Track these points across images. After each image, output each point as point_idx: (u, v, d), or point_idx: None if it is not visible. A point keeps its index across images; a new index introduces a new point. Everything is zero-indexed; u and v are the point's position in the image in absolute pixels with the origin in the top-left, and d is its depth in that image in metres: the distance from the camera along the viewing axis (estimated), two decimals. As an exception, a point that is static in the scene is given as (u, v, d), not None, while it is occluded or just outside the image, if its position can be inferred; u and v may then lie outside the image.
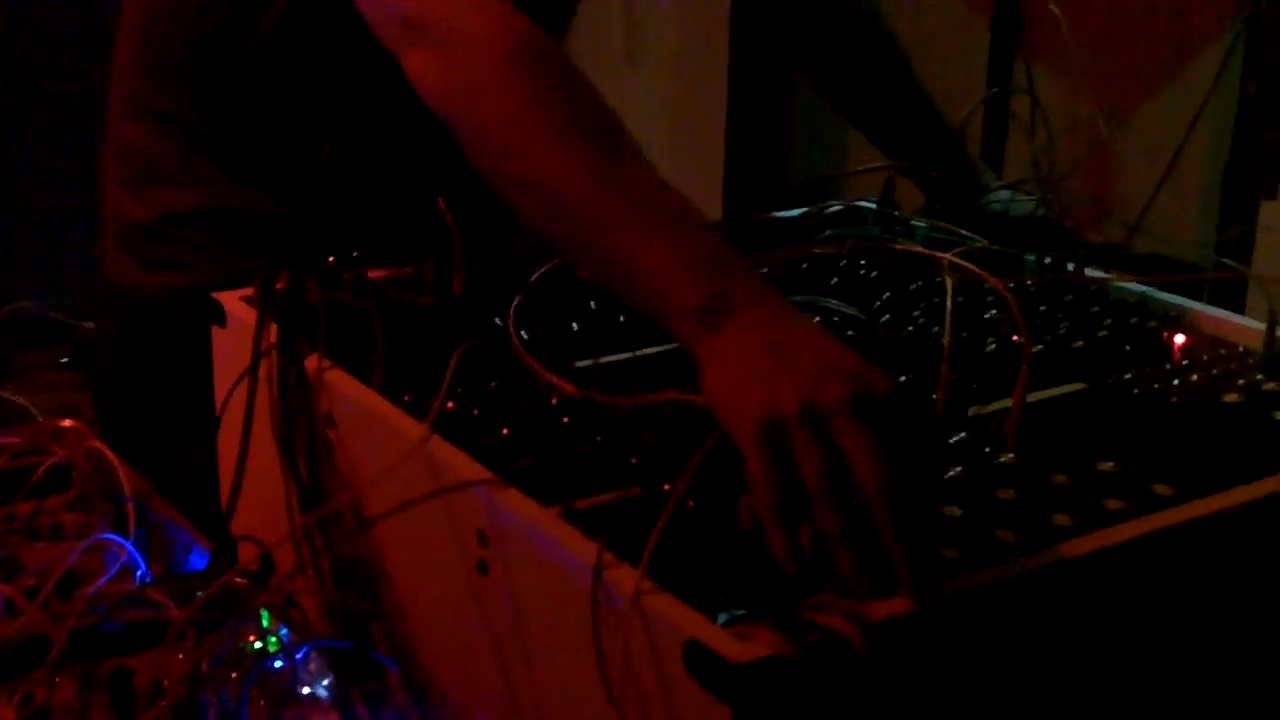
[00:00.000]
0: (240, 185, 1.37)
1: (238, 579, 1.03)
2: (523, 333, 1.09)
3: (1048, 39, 2.71)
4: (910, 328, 1.19)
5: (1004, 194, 1.40)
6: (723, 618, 0.78)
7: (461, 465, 0.92)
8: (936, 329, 1.17)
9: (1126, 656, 0.88)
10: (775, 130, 3.68)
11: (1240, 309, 1.29)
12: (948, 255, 1.09)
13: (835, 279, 1.28)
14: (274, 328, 1.07)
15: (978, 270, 1.06)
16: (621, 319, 1.18)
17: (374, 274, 1.18)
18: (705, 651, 0.73)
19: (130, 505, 1.15)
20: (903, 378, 1.07)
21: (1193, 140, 2.77)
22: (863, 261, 1.29)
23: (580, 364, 1.11)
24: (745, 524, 0.84)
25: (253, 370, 1.06)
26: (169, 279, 1.39)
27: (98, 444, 1.20)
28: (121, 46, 1.42)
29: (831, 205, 1.41)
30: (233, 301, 1.16)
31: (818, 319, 1.16)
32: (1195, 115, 2.74)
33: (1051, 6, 2.67)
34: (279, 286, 1.08)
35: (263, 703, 0.94)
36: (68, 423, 1.25)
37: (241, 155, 1.37)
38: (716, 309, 0.89)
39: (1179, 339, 1.20)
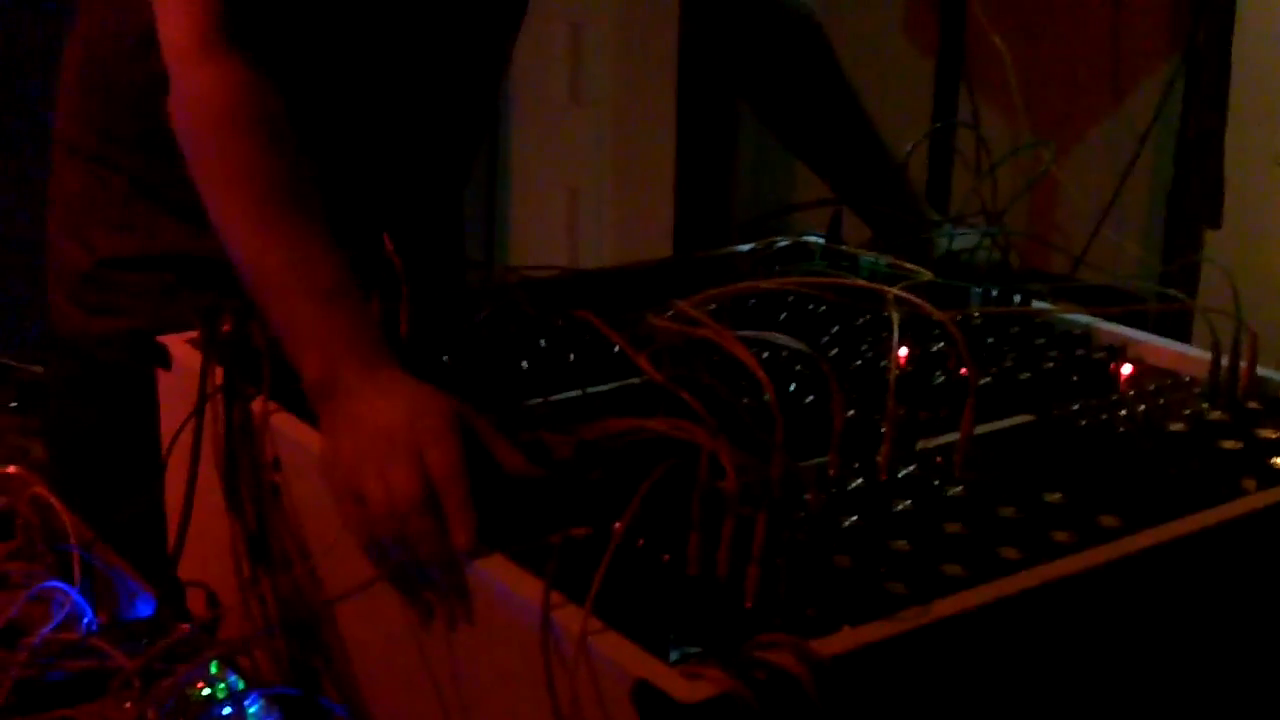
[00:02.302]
0: (179, 227, 1.36)
1: (185, 626, 1.02)
2: (469, 371, 1.08)
3: (991, 73, 2.74)
4: (858, 362, 1.19)
5: (949, 227, 1.40)
6: (674, 656, 0.78)
7: (408, 507, 0.91)
8: (883, 363, 1.17)
9: (1075, 687, 0.88)
10: (722, 167, 3.69)
11: (1186, 339, 1.30)
12: (893, 289, 1.09)
13: (783, 314, 1.28)
14: (219, 371, 1.06)
15: (923, 304, 1.06)
16: (571, 357, 1.18)
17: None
18: (654, 691, 0.73)
19: (75, 553, 1.13)
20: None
21: (1136, 172, 2.80)
22: (810, 296, 1.29)
23: (529, 402, 1.11)
24: (694, 567, 0.84)
25: (198, 414, 1.05)
26: (109, 324, 1.38)
27: (42, 490, 1.19)
28: (63, 94, 1.42)
29: (779, 241, 1.41)
30: (178, 345, 1.15)
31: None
32: (1138, 147, 2.77)
33: (995, 40, 2.70)
34: (224, 329, 1.08)
35: (210, 750, 0.93)
36: (12, 469, 1.24)
37: (180, 197, 1.36)
38: (326, 384, 1.00)
39: (1125, 369, 1.21)
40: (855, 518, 0.92)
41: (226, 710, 0.96)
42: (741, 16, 1.50)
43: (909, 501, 0.95)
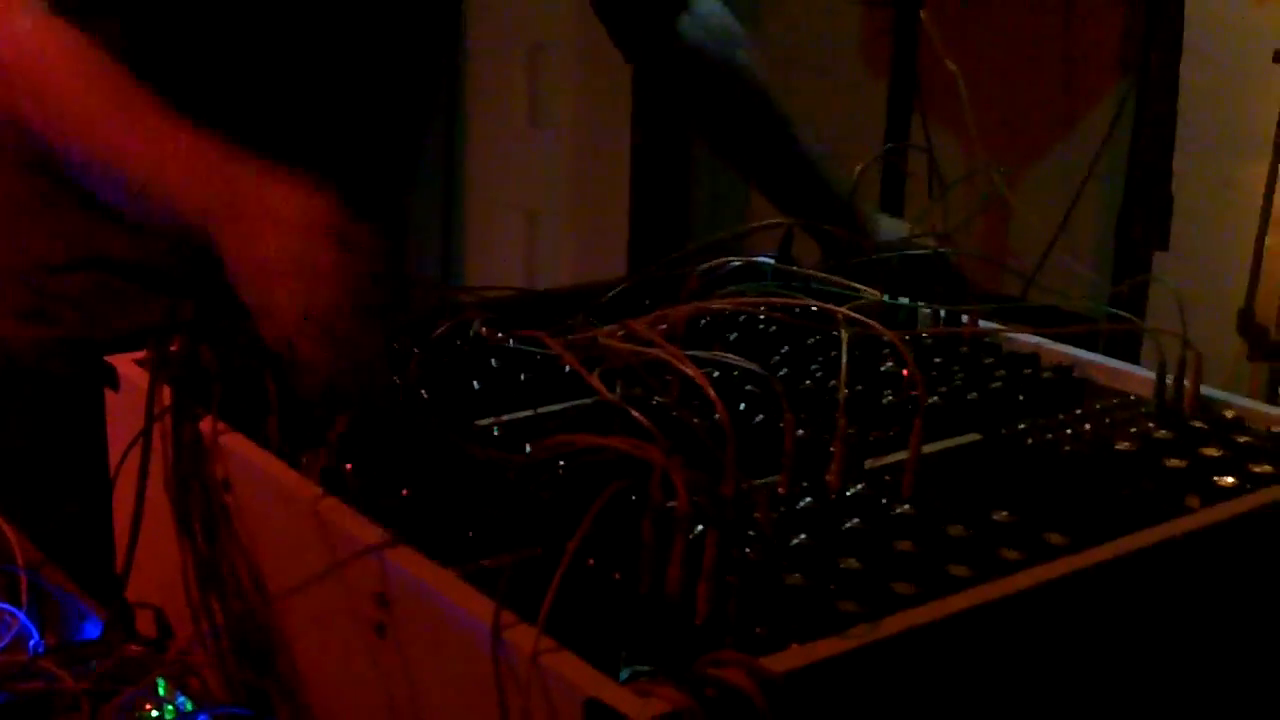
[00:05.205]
0: (113, 231, 1.34)
1: (134, 647, 1.02)
2: (421, 391, 1.08)
3: (945, 96, 2.76)
4: (807, 381, 1.20)
5: (900, 247, 1.41)
6: (625, 674, 0.78)
7: (358, 527, 0.91)
8: (833, 383, 1.18)
9: (1026, 703, 0.89)
10: (677, 188, 3.70)
11: (1135, 360, 1.31)
12: (843, 309, 1.10)
13: (734, 334, 1.29)
14: (168, 391, 1.06)
15: (872, 323, 1.07)
16: (523, 377, 1.18)
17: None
18: (606, 709, 0.73)
19: (22, 574, 1.13)
20: (800, 432, 1.07)
21: (1087, 194, 2.82)
22: (761, 316, 1.30)
23: (481, 422, 1.11)
24: (645, 586, 0.84)
25: (146, 435, 1.05)
26: (39, 332, 1.36)
27: (-13, 511, 1.18)
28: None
29: (731, 261, 1.42)
30: (126, 364, 1.15)
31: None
32: (1088, 169, 2.80)
33: (948, 64, 2.71)
34: (173, 349, 1.07)
35: (159, 773, 0.92)
36: (-43, 490, 1.23)
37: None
38: (225, 198, 1.00)
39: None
40: (805, 536, 0.92)
41: (176, 732, 0.95)
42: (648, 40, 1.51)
43: (859, 520, 0.95)
